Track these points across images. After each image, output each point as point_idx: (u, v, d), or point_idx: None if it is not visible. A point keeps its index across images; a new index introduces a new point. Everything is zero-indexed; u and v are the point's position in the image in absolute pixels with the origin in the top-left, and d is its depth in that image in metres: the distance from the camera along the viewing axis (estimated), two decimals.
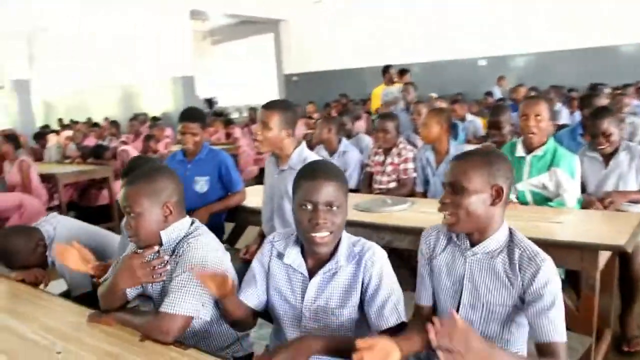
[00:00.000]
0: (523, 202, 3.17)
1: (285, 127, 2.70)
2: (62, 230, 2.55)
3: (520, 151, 3.16)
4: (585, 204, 3.05)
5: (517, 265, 1.53)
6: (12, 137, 5.52)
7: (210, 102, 17.50)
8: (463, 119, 6.10)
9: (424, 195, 3.89)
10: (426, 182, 3.90)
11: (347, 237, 1.70)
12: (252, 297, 1.76)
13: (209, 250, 1.77)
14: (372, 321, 1.63)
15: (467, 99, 9.59)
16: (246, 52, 17.66)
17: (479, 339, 1.28)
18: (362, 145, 5.01)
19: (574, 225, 2.70)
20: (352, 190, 4.16)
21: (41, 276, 2.47)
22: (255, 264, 1.80)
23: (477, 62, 12.39)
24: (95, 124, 10.03)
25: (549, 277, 1.49)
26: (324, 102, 11.54)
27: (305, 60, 15.28)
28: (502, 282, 1.55)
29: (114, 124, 9.04)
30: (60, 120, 12.43)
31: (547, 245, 2.39)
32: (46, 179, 5.84)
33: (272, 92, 16.59)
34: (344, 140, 4.54)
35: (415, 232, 2.84)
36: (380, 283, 1.63)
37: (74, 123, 10.93)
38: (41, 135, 8.03)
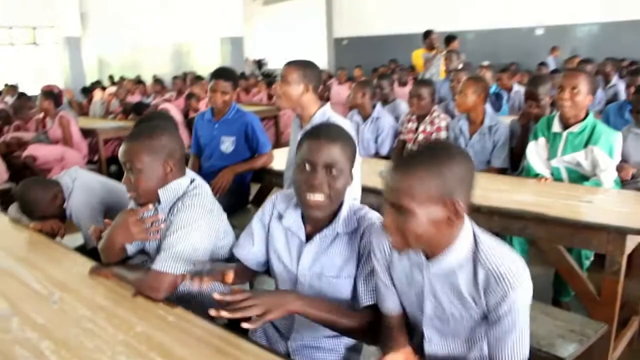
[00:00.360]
0: (558, 179, 3.01)
1: (303, 83, 2.65)
2: (80, 183, 2.59)
3: (556, 126, 2.99)
4: (618, 169, 2.87)
5: (482, 288, 1.27)
6: (51, 94, 5.64)
7: (259, 63, 17.47)
8: (510, 90, 5.83)
9: None
10: None
11: (349, 204, 1.62)
12: (250, 257, 1.74)
13: (202, 212, 1.74)
14: (359, 294, 1.56)
15: (521, 69, 9.20)
16: (297, 15, 17.44)
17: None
18: (398, 112, 4.87)
19: (604, 205, 2.54)
20: (384, 157, 4.08)
21: (57, 227, 2.53)
22: (255, 223, 1.75)
23: (534, 31, 11.82)
24: (141, 81, 10.18)
25: (515, 306, 1.24)
26: (374, 67, 11.29)
27: (355, 24, 14.98)
28: (464, 299, 1.32)
29: (158, 81, 9.15)
30: (111, 77, 12.68)
31: (570, 226, 2.31)
32: (88, 133, 5.98)
33: (322, 56, 16.39)
34: (378, 106, 4.41)
35: None
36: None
37: (122, 80, 11.13)
38: (88, 91, 8.20)
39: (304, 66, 2.70)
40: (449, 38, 7.13)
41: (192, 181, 1.85)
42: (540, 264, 3.09)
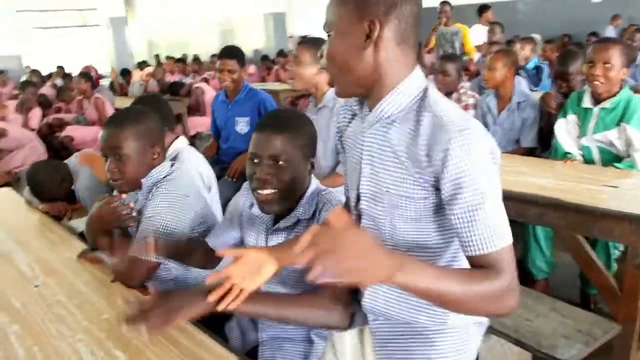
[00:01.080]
0: (588, 160, 2.81)
1: (317, 63, 2.57)
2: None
3: (587, 102, 2.77)
4: None
5: (425, 141, 1.03)
6: (87, 76, 5.76)
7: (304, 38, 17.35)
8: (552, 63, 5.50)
9: None
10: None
11: (315, 188, 1.53)
12: (219, 244, 1.67)
13: (175, 197, 1.70)
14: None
15: (573, 41, 8.70)
16: None
17: (367, 242, 0.88)
18: None
19: (632, 191, 2.33)
20: None
21: (64, 209, 2.56)
22: (230, 209, 1.69)
23: None
24: (180, 60, 10.28)
25: (469, 156, 0.98)
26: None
27: None
28: (402, 163, 1.08)
29: (197, 60, 9.21)
30: (157, 56, 12.88)
31: (589, 213, 2.14)
32: None
33: None
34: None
35: None
36: None
37: (169, 59, 11.28)
38: (127, 71, 8.36)
39: (316, 45, 2.63)
40: (482, 8, 6.82)
41: (172, 165, 1.80)
42: (566, 252, 2.91)
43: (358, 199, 1.20)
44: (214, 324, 1.58)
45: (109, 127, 1.75)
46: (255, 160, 1.43)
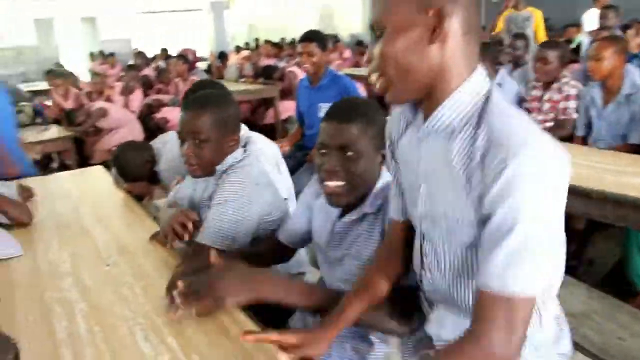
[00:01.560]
0: None
1: None
2: (170, 147, 2.65)
3: None
4: None
5: (479, 155, 0.89)
6: (184, 58, 5.95)
7: None
8: None
9: (584, 141, 3.30)
10: (589, 126, 3.28)
11: (386, 181, 1.41)
12: (289, 235, 1.66)
13: (248, 185, 1.67)
14: None
15: None
16: None
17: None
18: (529, 77, 4.38)
19: None
20: None
21: (146, 190, 2.63)
22: (301, 200, 1.67)
23: None
24: (277, 44, 10.38)
25: (519, 182, 0.83)
26: None
27: None
28: (459, 178, 0.94)
29: (292, 45, 9.26)
30: (256, 40, 13.13)
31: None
32: None
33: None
34: (502, 71, 4.00)
35: None
36: None
37: (267, 43, 11.46)
38: (224, 55, 8.57)
39: None
40: None
41: (245, 151, 1.77)
42: None
43: (421, 220, 1.09)
44: (277, 316, 1.55)
45: (189, 111, 1.72)
46: (323, 151, 1.36)
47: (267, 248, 1.67)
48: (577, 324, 1.74)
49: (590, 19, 6.43)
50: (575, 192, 2.27)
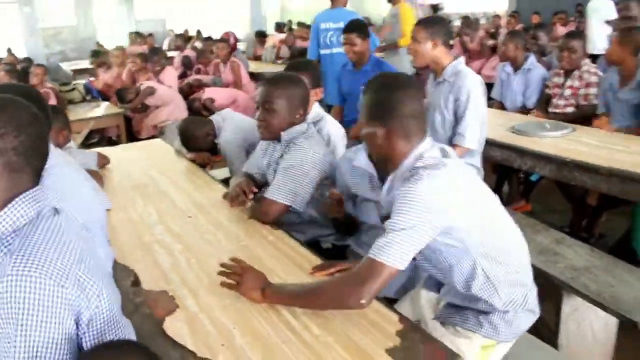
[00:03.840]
0: None
1: (432, 39, 2.76)
2: (229, 122, 3.02)
3: None
4: None
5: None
6: (224, 41, 6.30)
7: (435, 8, 17.00)
8: None
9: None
10: (607, 108, 3.55)
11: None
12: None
13: (310, 151, 2.04)
14: None
15: None
16: None
17: (253, 280, 1.49)
18: (553, 67, 4.62)
19: None
20: (529, 110, 3.98)
21: (208, 159, 3.01)
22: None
23: None
24: (309, 27, 10.61)
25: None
26: (555, 11, 10.34)
27: None
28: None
29: None
30: (289, 21, 13.38)
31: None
32: (257, 77, 6.59)
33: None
34: (531, 57, 4.25)
35: (556, 162, 2.74)
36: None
37: (300, 25, 11.70)
38: (263, 34, 8.88)
39: (431, 23, 2.82)
40: None
41: (308, 126, 2.14)
42: None
43: None
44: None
45: (266, 85, 2.12)
46: None
47: None
48: (578, 275, 2.06)
49: (595, 6, 6.54)
50: (585, 168, 2.59)
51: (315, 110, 2.59)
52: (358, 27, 3.57)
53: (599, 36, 6.32)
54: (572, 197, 3.41)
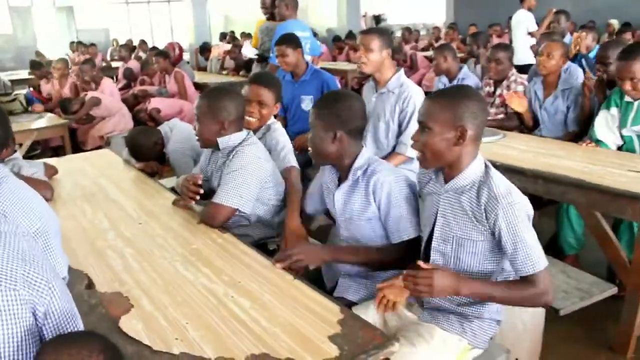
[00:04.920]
0: (629, 148, 3.03)
1: (385, 49, 2.91)
2: (176, 132, 3.09)
3: (628, 96, 2.99)
4: None
5: (483, 207, 1.57)
6: (164, 53, 6.35)
7: (377, 19, 17.46)
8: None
9: (534, 128, 3.83)
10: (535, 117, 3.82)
11: (366, 156, 1.94)
12: (310, 208, 2.20)
13: (253, 156, 2.16)
14: (390, 235, 1.91)
15: None
16: None
17: (443, 276, 1.54)
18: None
19: None
20: None
21: (157, 168, 3.08)
22: (314, 180, 2.21)
23: None
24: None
25: (510, 220, 1.53)
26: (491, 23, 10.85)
27: None
28: (469, 218, 1.62)
29: None
30: (232, 32, 13.43)
31: (606, 193, 2.41)
32: (202, 87, 6.63)
33: (440, 11, 16.07)
34: (464, 68, 4.51)
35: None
36: (389, 204, 1.87)
37: (244, 36, 11.77)
38: (205, 48, 8.95)
39: (382, 33, 2.97)
40: None
41: (247, 134, 2.26)
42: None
43: (429, 239, 1.73)
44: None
45: (199, 97, 2.30)
46: None
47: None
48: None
49: (519, 19, 6.89)
50: (514, 171, 2.80)
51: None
52: (289, 40, 3.71)
53: (522, 48, 6.71)
54: None
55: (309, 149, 1.95)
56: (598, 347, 2.52)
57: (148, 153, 3.06)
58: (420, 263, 1.59)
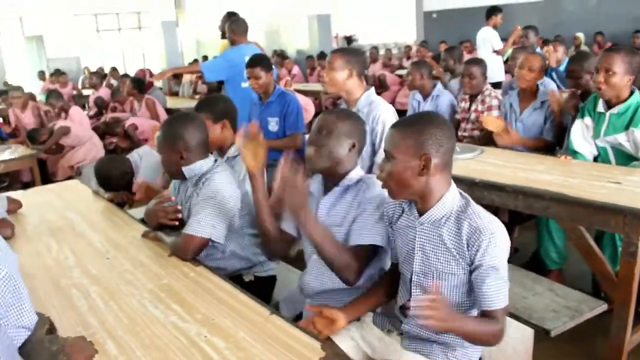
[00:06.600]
0: (604, 159, 3.01)
1: (347, 68, 2.84)
2: (146, 160, 2.99)
3: (600, 106, 2.98)
4: None
5: (465, 240, 1.50)
6: (135, 81, 6.27)
7: (349, 39, 17.58)
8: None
9: None
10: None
11: (358, 171, 1.90)
12: (289, 227, 2.00)
13: (223, 184, 2.06)
14: (350, 238, 1.80)
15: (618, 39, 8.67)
16: None
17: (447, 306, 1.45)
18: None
19: (632, 187, 2.53)
20: None
21: (127, 198, 2.96)
22: None
23: None
24: None
25: (495, 251, 1.47)
26: (461, 40, 11.02)
27: None
28: (449, 252, 1.54)
29: None
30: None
31: (588, 206, 2.37)
32: (174, 112, 6.53)
33: (411, 30, 16.24)
34: (438, 85, 4.50)
35: (466, 183, 2.89)
36: (364, 211, 1.79)
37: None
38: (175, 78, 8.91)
39: (348, 53, 2.91)
40: (492, 10, 6.87)
41: (215, 161, 2.16)
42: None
43: (411, 274, 1.64)
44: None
45: (160, 128, 2.20)
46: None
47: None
48: None
49: (484, 37, 6.92)
50: (494, 187, 2.75)
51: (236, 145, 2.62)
52: (261, 61, 3.65)
53: (489, 65, 6.74)
54: None
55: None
56: None
57: (117, 183, 2.95)
58: (434, 285, 1.51)
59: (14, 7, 13.98)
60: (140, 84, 6.43)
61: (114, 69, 10.68)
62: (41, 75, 12.48)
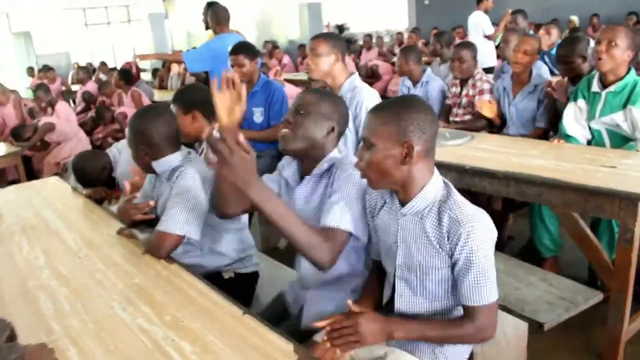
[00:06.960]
0: (598, 142, 2.92)
1: (333, 53, 2.77)
2: (125, 154, 2.88)
3: (595, 86, 2.88)
4: None
5: (446, 230, 1.40)
6: (123, 72, 6.14)
7: (340, 28, 17.41)
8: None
9: (502, 127, 3.71)
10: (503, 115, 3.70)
11: (333, 156, 1.77)
12: None
13: (194, 177, 1.96)
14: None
15: (612, 22, 8.54)
16: None
17: (370, 320, 1.38)
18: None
19: (627, 171, 2.43)
20: None
21: (106, 194, 2.85)
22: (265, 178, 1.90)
23: None
24: None
25: (473, 244, 1.37)
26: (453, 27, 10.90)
27: None
28: (432, 245, 1.44)
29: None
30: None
31: (582, 192, 2.27)
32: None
33: (403, 17, 16.08)
34: (428, 70, 4.39)
35: (457, 170, 2.80)
36: (337, 190, 1.67)
37: None
38: (165, 65, 8.75)
39: (330, 38, 2.83)
40: None
41: (189, 153, 2.06)
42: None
43: (395, 268, 1.54)
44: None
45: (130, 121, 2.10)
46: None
47: None
48: None
49: (475, 21, 6.80)
50: (485, 174, 2.66)
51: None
52: (245, 49, 3.54)
53: (480, 50, 6.62)
54: (478, 204, 3.51)
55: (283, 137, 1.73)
56: (586, 356, 2.38)
57: (96, 178, 2.85)
58: (349, 302, 1.43)
59: (0, 3, 13.79)
60: (128, 75, 6.30)
61: (102, 64, 10.53)
62: (30, 71, 12.33)
